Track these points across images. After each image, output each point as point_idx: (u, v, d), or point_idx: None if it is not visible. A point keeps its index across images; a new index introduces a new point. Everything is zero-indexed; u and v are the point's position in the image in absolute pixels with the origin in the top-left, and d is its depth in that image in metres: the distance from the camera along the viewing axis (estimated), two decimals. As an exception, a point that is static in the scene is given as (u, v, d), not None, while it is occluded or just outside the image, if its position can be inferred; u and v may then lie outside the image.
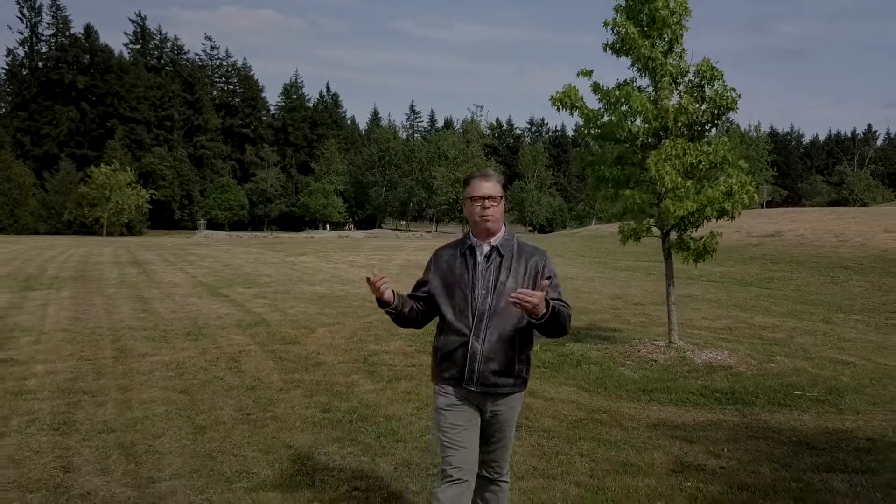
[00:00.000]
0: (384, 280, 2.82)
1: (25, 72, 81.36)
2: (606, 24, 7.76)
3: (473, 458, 2.86)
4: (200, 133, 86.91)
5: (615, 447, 4.81)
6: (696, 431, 5.21)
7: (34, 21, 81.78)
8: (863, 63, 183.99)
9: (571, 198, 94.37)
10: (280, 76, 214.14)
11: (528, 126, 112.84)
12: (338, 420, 5.36)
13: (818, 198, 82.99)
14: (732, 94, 7.40)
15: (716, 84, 7.45)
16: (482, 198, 2.85)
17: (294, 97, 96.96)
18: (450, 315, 2.87)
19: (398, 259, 22.68)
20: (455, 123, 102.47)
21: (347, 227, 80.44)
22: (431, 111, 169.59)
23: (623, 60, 7.83)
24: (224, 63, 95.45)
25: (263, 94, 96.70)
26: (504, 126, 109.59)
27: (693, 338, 8.54)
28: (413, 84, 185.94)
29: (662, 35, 7.55)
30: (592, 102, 7.79)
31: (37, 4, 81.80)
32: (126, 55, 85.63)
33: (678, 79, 7.64)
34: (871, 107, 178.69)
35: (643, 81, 7.85)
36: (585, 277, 16.89)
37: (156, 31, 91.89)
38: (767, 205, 65.65)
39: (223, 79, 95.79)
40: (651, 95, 7.65)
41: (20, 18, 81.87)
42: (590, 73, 7.69)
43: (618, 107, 7.55)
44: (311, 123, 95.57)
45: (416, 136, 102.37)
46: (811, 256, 18.60)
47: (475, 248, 2.91)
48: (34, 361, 7.23)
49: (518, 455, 4.51)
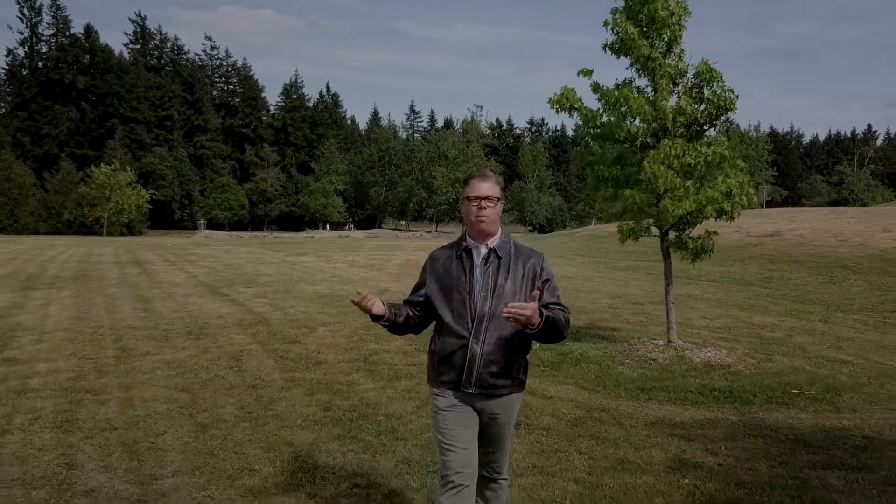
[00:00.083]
0: (368, 296, 2.84)
1: (25, 72, 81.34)
2: (606, 24, 7.80)
3: (474, 461, 2.84)
4: (200, 133, 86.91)
5: (614, 445, 4.84)
6: (694, 429, 5.25)
7: (34, 21, 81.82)
8: (863, 63, 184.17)
9: (571, 198, 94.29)
10: (280, 76, 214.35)
11: (528, 126, 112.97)
12: (338, 418, 5.39)
13: (818, 198, 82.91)
14: (731, 95, 7.42)
15: (714, 85, 7.48)
16: (479, 198, 2.84)
17: (294, 97, 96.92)
18: (448, 318, 2.85)
19: (398, 259, 22.69)
20: (455, 123, 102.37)
21: (347, 227, 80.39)
22: (431, 111, 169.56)
23: (623, 60, 7.87)
24: (224, 63, 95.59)
25: (263, 94, 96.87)
26: (504, 126, 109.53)
27: (692, 337, 8.57)
28: (413, 84, 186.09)
29: (661, 35, 7.58)
30: (592, 102, 7.84)
31: (37, 4, 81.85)
32: (126, 55, 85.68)
33: (677, 79, 7.66)
34: (871, 107, 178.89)
35: (642, 82, 7.89)
36: (585, 277, 16.91)
37: (156, 31, 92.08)
38: (767, 205, 65.66)
39: (223, 79, 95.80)
40: (650, 96, 7.68)
41: (20, 18, 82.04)
42: (590, 73, 7.72)
43: (617, 107, 7.58)
44: (311, 123, 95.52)
45: (416, 136, 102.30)
46: (810, 256, 18.62)
47: (472, 250, 2.89)
48: (36, 360, 7.28)
49: (517, 452, 4.55)
